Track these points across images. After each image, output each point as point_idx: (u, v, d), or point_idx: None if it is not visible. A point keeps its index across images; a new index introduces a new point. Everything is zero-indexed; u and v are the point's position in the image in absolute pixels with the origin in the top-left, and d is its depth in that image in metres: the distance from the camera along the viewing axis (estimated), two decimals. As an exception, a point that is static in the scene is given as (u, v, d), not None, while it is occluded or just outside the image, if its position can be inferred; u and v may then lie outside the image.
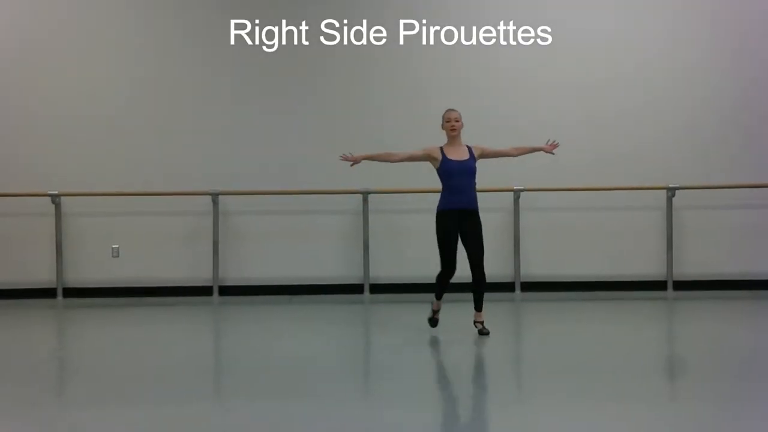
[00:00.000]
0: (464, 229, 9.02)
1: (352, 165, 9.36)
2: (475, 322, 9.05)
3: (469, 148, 9.14)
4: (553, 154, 9.48)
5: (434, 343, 8.97)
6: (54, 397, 7.71)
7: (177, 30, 12.59)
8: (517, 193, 12.02)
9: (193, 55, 12.52)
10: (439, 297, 9.27)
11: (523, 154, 9.59)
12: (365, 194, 11.91)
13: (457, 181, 8.99)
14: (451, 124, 9.04)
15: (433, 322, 9.27)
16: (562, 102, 12.46)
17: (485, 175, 9.38)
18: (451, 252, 8.95)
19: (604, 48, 12.53)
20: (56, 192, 12.05)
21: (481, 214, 11.05)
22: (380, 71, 12.40)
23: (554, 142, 9.45)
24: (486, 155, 9.23)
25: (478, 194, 11.46)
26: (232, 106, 12.35)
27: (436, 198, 11.96)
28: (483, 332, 8.91)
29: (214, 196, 12.03)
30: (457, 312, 10.57)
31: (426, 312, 9.62)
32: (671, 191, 12.14)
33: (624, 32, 12.52)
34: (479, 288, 9.06)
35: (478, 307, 9.09)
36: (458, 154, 9.05)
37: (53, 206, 12.12)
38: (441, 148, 9.09)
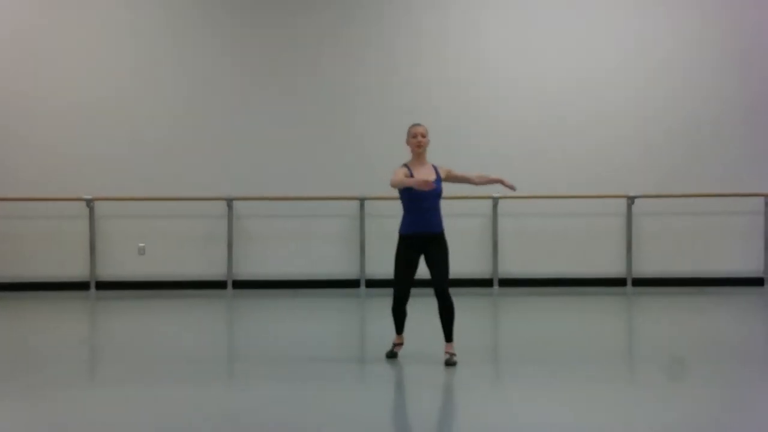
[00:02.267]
0: (429, 253, 7.59)
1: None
2: (445, 352, 7.46)
3: (435, 168, 7.70)
4: (512, 189, 8.02)
5: (423, 332, 8.73)
6: (87, 378, 7.75)
7: (201, 51, 12.41)
8: (495, 200, 11.95)
9: (214, 77, 12.36)
10: (399, 330, 7.77)
11: (484, 184, 8.13)
12: (362, 200, 11.87)
13: (424, 204, 7.49)
14: (417, 140, 7.57)
15: (392, 354, 7.69)
16: (537, 119, 12.32)
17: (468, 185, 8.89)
18: (406, 281, 7.61)
19: (578, 76, 12.37)
20: (90, 197, 12.00)
21: (463, 220, 11.17)
22: (379, 92, 12.28)
23: (512, 184, 7.97)
24: (451, 179, 7.80)
25: (461, 202, 11.63)
26: (247, 122, 12.24)
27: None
28: (450, 363, 7.35)
29: (229, 201, 12.02)
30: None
31: (418, 308, 9.58)
32: (631, 200, 12.12)
33: (594, 56, 12.35)
34: (447, 314, 7.51)
35: (448, 337, 7.49)
36: (425, 174, 7.55)
37: (87, 209, 12.07)
38: (407, 167, 7.61)
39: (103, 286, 12.20)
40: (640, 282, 12.30)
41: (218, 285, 12.22)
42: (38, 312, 11.00)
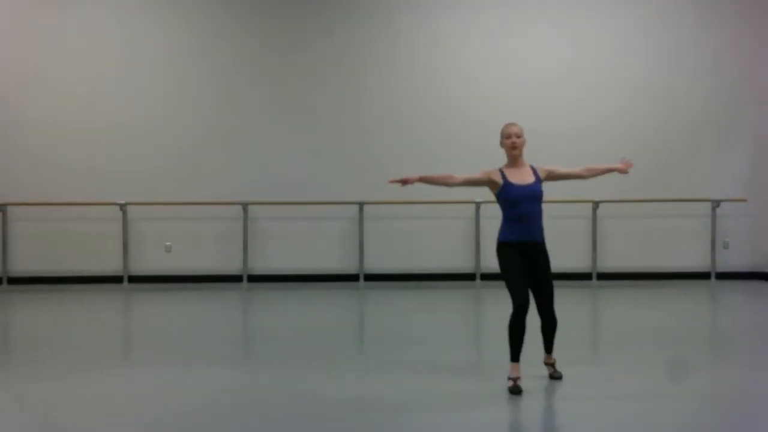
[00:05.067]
0: (532, 265, 6.08)
1: (403, 185, 6.25)
2: (546, 364, 6.43)
3: (534, 170, 6.22)
4: (626, 173, 6.70)
5: (415, 319, 8.82)
6: (121, 359, 7.80)
7: (220, 78, 12.34)
8: (478, 204, 11.97)
9: (232, 101, 12.32)
10: (516, 358, 6.01)
11: (596, 175, 6.65)
12: (361, 204, 11.92)
13: (522, 209, 6.01)
14: (512, 141, 6.11)
15: (516, 389, 5.91)
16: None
17: (453, 190, 8.45)
18: (524, 284, 6.02)
19: (551, 97, 12.28)
20: (123, 202, 12.06)
21: (448, 222, 10.92)
22: (376, 110, 12.24)
23: (629, 160, 6.69)
24: (554, 177, 6.34)
25: (446, 206, 11.50)
26: (261, 137, 12.27)
27: (419, 208, 11.77)
28: (555, 376, 6.32)
29: (244, 205, 12.05)
30: (434, 296, 10.66)
31: (407, 299, 9.46)
32: (596, 204, 12.21)
33: (563, 85, 12.32)
34: (551, 329, 6.32)
35: (549, 349, 6.39)
36: (521, 177, 6.12)
37: (121, 213, 12.13)
38: (501, 171, 6.15)
39: (135, 279, 12.25)
40: (604, 276, 12.37)
41: (235, 279, 12.24)
42: (79, 302, 11.04)
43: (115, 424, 5.48)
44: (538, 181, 6.10)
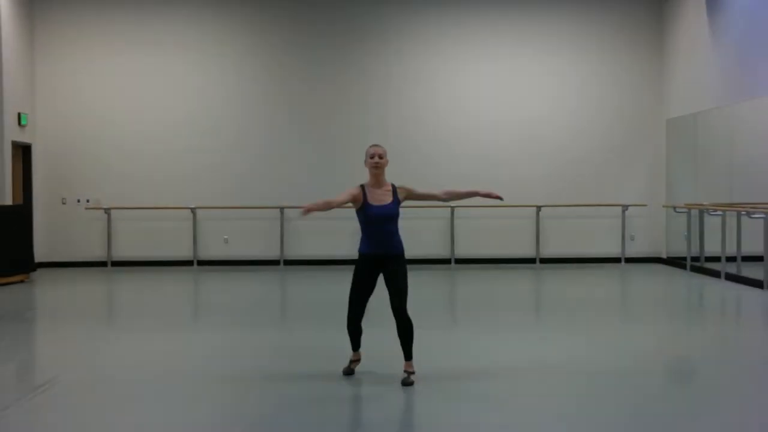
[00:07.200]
0: (387, 271, 5.74)
1: (305, 215, 5.59)
2: (404, 370, 5.80)
3: (394, 189, 5.83)
4: (498, 198, 5.99)
5: (418, 294, 8.76)
6: (192, 322, 8.51)
7: (265, 107, 13.06)
8: (452, 209, 13.06)
9: (279, 129, 13.06)
10: (356, 347, 5.98)
11: (457, 198, 6.08)
12: None
13: (378, 228, 5.69)
14: (375, 161, 5.74)
15: (348, 370, 5.95)
16: (478, 153, 13.17)
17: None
18: (361, 301, 5.82)
19: (505, 133, 13.24)
20: (194, 206, 13.13)
21: (435, 221, 12.15)
22: (380, 131, 12.64)
23: (496, 194, 6.00)
24: (413, 197, 5.88)
25: (431, 209, 12.55)
26: (296, 156, 13.12)
27: (418, 210, 12.22)
28: (407, 382, 5.70)
29: (281, 208, 13.04)
30: (421, 275, 11.00)
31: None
32: (539, 208, 13.29)
33: (510, 120, 13.20)
34: (405, 334, 5.71)
35: (407, 355, 5.76)
36: (380, 198, 5.75)
37: (192, 214, 13.21)
38: (363, 188, 5.80)
39: (201, 263, 13.30)
40: (545, 260, 13.45)
41: (274, 263, 13.24)
42: (162, 279, 11.84)
43: (192, 367, 6.05)
44: (396, 201, 5.79)
